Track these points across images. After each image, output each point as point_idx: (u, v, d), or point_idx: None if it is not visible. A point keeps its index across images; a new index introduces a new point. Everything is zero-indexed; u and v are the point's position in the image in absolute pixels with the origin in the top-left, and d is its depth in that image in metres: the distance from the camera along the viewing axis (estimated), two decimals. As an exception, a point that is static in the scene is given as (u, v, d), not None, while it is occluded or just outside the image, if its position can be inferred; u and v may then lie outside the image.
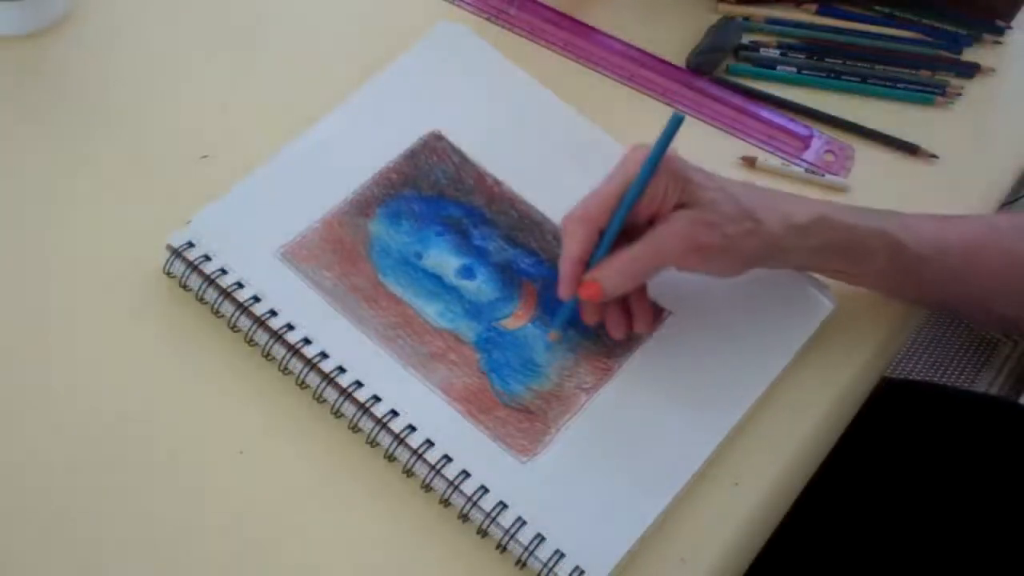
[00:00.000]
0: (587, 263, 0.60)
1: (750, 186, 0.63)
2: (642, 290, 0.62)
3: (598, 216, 0.59)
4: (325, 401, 0.59)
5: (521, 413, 0.60)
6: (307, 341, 0.59)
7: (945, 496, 0.79)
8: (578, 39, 0.77)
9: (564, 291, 0.60)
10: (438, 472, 0.57)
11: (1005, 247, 0.66)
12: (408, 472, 0.58)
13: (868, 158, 0.76)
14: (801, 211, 0.62)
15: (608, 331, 0.62)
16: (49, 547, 0.54)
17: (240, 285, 0.60)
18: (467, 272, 0.64)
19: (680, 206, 0.59)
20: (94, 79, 0.69)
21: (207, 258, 0.60)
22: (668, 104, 0.76)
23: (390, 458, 0.58)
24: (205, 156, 0.66)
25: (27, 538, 0.54)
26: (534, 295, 0.64)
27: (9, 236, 0.62)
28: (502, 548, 0.56)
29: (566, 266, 0.60)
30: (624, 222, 0.59)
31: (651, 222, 0.60)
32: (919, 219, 0.65)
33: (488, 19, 0.77)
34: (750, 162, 0.74)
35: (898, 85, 0.79)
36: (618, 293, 0.60)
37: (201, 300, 0.61)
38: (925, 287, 0.66)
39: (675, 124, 0.58)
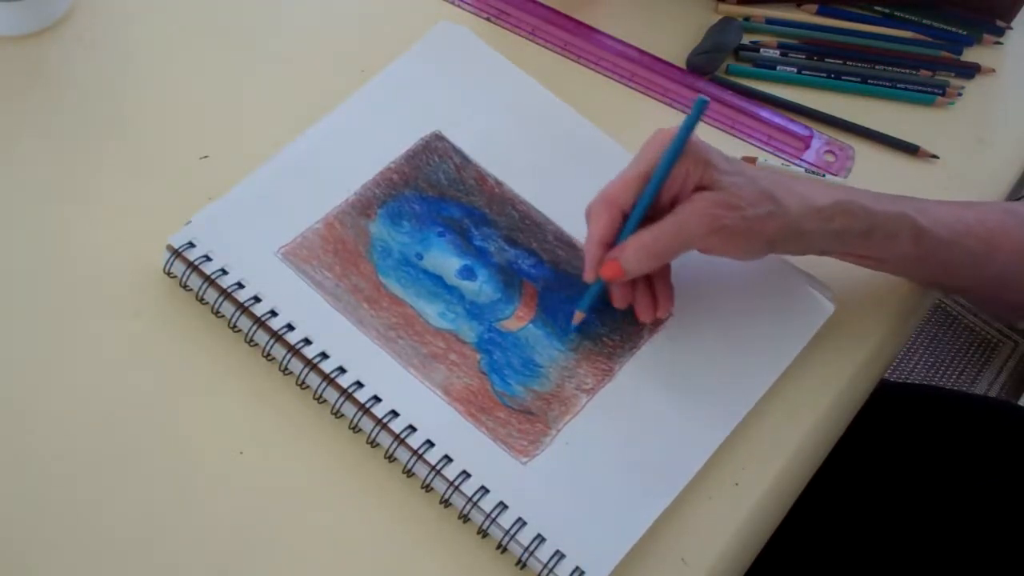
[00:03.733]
0: (610, 246, 0.60)
1: (769, 170, 0.63)
2: (665, 275, 0.63)
3: (621, 198, 0.60)
4: (325, 402, 0.59)
5: (521, 414, 0.60)
6: (307, 341, 0.59)
7: (944, 498, 0.79)
8: (578, 39, 0.77)
9: (588, 274, 0.61)
10: (438, 472, 0.57)
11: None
12: (408, 473, 0.58)
13: (868, 158, 0.76)
14: (820, 195, 0.62)
15: (637, 315, 0.63)
16: (48, 546, 0.54)
17: (240, 285, 0.60)
18: (468, 273, 0.64)
19: (700, 188, 0.60)
20: (94, 79, 0.69)
21: (207, 258, 0.60)
22: (668, 104, 0.76)
23: (390, 459, 0.58)
24: (205, 156, 0.66)
25: (26, 537, 0.54)
26: (534, 296, 0.64)
27: (9, 236, 0.62)
28: (502, 548, 0.56)
29: (589, 248, 0.61)
30: (649, 205, 0.60)
31: (672, 205, 0.60)
32: (937, 204, 0.65)
33: (488, 19, 0.77)
34: (750, 162, 0.74)
35: (898, 85, 0.79)
36: (639, 272, 0.60)
37: (201, 300, 0.61)
38: (945, 271, 0.66)
39: (700, 107, 0.59)
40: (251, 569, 0.55)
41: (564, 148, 0.69)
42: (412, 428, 0.58)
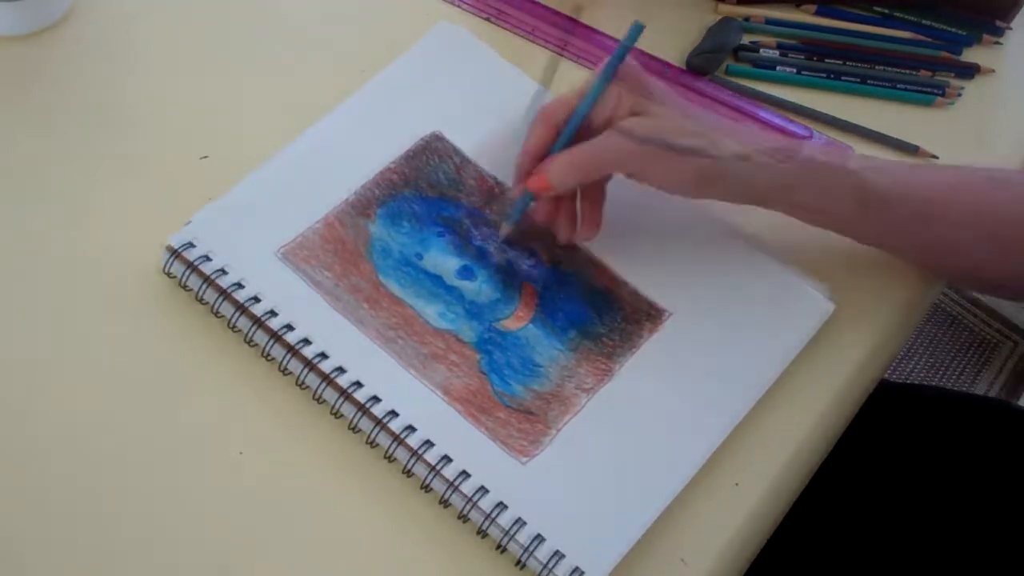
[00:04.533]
0: (541, 159, 0.62)
1: (717, 115, 0.63)
2: (595, 199, 0.63)
3: (557, 114, 0.62)
4: (325, 402, 0.59)
5: (521, 414, 0.60)
6: (307, 342, 0.59)
7: (944, 498, 0.79)
8: (577, 39, 0.77)
9: (515, 185, 0.63)
10: (437, 472, 0.57)
11: (976, 196, 0.65)
12: (407, 472, 0.58)
13: (868, 158, 0.76)
14: (762, 139, 0.62)
15: (556, 234, 0.64)
16: (49, 546, 0.54)
17: (240, 285, 0.60)
18: (467, 273, 0.64)
19: (634, 115, 0.60)
20: (94, 79, 0.69)
21: (207, 258, 0.60)
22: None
23: (389, 458, 0.58)
24: (205, 156, 0.66)
25: (27, 537, 0.54)
26: (534, 296, 0.64)
27: (8, 236, 0.62)
28: (501, 548, 0.56)
29: (520, 159, 0.62)
30: (581, 122, 0.61)
31: (606, 128, 0.61)
32: (889, 163, 0.66)
33: (487, 19, 0.77)
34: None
35: (898, 85, 0.79)
36: (564, 187, 0.61)
37: (201, 300, 0.61)
38: (889, 231, 0.66)
39: (635, 32, 0.60)
40: (251, 569, 0.55)
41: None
42: (411, 428, 0.58)
